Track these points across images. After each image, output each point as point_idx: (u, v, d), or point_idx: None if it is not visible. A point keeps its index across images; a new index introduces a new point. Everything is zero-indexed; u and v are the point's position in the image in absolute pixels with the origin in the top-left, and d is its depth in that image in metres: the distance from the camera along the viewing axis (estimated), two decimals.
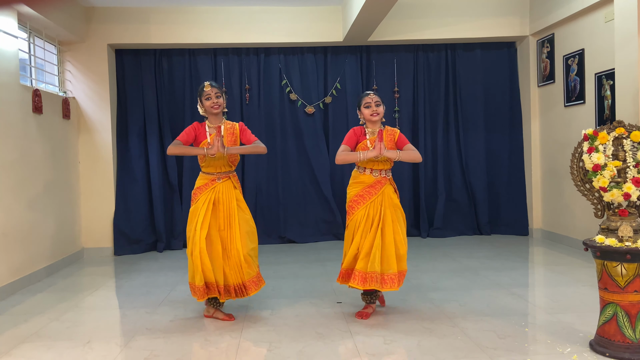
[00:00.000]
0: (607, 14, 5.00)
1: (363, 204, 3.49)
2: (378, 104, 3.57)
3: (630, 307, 2.75)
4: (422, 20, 6.27)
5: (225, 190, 3.56)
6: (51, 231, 5.22)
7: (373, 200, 3.50)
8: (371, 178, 3.53)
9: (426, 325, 3.36)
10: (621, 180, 2.83)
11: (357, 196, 3.53)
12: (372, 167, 3.52)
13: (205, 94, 3.57)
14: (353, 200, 3.54)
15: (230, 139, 3.60)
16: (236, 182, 3.67)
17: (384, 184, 3.54)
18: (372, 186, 3.52)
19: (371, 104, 3.56)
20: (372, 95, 3.60)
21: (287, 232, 6.50)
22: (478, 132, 6.67)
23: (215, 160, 3.55)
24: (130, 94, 6.30)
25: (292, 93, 6.51)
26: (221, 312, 3.61)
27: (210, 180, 3.58)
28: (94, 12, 5.95)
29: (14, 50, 4.63)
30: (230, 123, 3.67)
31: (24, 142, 4.76)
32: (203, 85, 3.60)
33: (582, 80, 5.47)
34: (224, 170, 3.59)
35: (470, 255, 5.51)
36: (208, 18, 6.11)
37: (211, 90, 3.55)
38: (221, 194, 3.54)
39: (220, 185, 3.57)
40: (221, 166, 3.58)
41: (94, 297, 4.31)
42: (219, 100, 3.56)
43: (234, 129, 3.65)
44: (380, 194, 3.51)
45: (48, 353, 3.07)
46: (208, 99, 3.56)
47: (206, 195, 3.54)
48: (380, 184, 3.52)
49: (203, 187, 3.57)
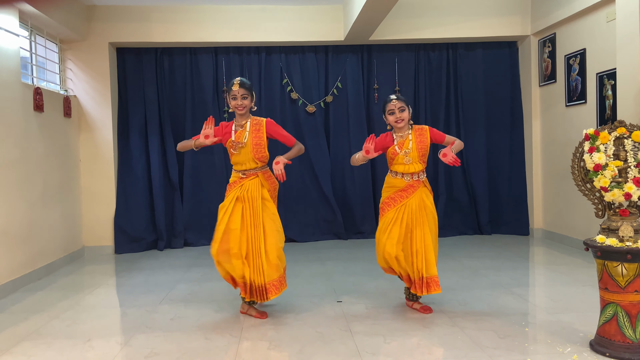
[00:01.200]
0: (609, 13, 5.00)
1: (394, 207, 3.54)
2: (402, 109, 3.53)
3: (631, 307, 2.74)
4: (423, 20, 6.26)
5: (252, 188, 3.54)
6: (52, 229, 5.22)
7: (405, 204, 3.53)
8: (403, 182, 3.56)
9: (426, 324, 3.36)
10: (622, 180, 2.82)
11: (388, 198, 3.59)
12: (402, 171, 3.55)
13: (232, 93, 3.53)
14: (384, 202, 3.61)
15: (256, 135, 3.54)
16: (264, 180, 3.61)
17: (417, 188, 3.56)
18: (404, 190, 3.55)
19: (395, 111, 3.54)
20: (395, 101, 3.55)
21: (288, 231, 6.47)
22: (479, 131, 6.67)
23: (239, 156, 3.53)
24: (131, 92, 6.30)
25: (293, 92, 6.51)
26: (254, 309, 3.61)
27: (238, 177, 3.58)
28: (95, 10, 5.95)
29: (16, 48, 4.63)
30: (257, 119, 3.62)
31: (25, 140, 4.76)
32: (232, 82, 3.54)
33: (583, 80, 5.46)
34: (250, 167, 3.56)
35: (471, 254, 5.51)
36: (209, 17, 6.11)
37: (238, 91, 3.51)
38: (247, 192, 3.52)
39: (248, 183, 3.54)
40: (245, 162, 3.55)
41: (95, 296, 4.31)
42: (244, 102, 3.52)
43: (260, 125, 3.58)
44: (414, 197, 3.53)
45: (48, 351, 3.07)
46: (234, 98, 3.53)
47: (235, 192, 3.54)
48: (412, 188, 3.54)
49: (233, 184, 3.59)
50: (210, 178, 6.41)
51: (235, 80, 3.54)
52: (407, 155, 3.53)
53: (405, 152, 3.53)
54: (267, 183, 3.63)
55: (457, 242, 6.25)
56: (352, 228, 6.62)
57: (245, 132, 3.53)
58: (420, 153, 3.55)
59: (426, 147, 3.58)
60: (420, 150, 3.55)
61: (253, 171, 3.57)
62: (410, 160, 3.53)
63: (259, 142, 3.54)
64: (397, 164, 3.57)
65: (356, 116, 6.59)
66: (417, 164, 3.55)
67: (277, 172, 3.50)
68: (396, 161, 3.56)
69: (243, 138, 3.52)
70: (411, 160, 3.53)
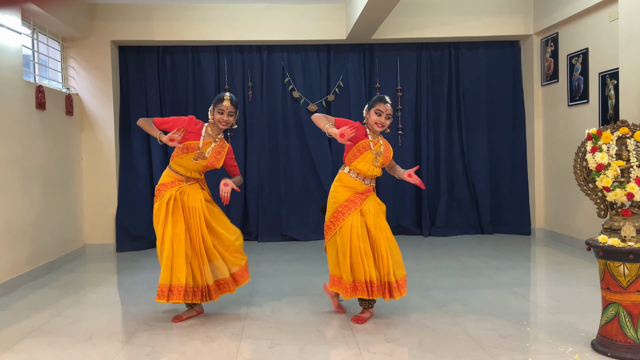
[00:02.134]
0: (612, 13, 4.99)
1: (355, 210, 3.36)
2: (389, 116, 3.42)
3: (633, 307, 2.74)
4: (425, 19, 6.26)
5: (192, 192, 3.52)
6: (54, 227, 5.23)
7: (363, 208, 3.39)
8: (362, 185, 3.42)
9: (428, 324, 3.36)
10: (624, 180, 2.82)
11: (347, 201, 3.38)
12: (365, 172, 3.39)
13: (220, 107, 3.50)
14: (343, 206, 3.38)
15: (216, 157, 3.55)
16: (204, 185, 3.65)
17: (371, 192, 3.49)
18: (363, 193, 3.43)
19: (382, 114, 3.40)
20: (388, 105, 3.42)
21: (289, 229, 6.51)
22: (481, 130, 6.66)
23: (191, 164, 3.49)
24: (133, 90, 6.31)
25: (295, 91, 6.51)
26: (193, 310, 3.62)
27: (177, 179, 3.53)
28: (97, 8, 5.96)
29: (18, 46, 4.63)
30: (224, 142, 3.62)
31: (27, 138, 4.77)
32: (223, 96, 3.52)
33: (585, 80, 5.46)
34: (194, 177, 3.56)
35: (472, 254, 5.51)
36: (211, 15, 6.11)
37: (226, 107, 3.49)
38: (187, 195, 3.49)
39: (187, 188, 3.53)
40: (193, 171, 3.54)
41: (96, 293, 4.32)
42: (229, 119, 3.52)
43: (223, 149, 3.59)
44: (369, 200, 3.44)
45: (50, 349, 3.08)
46: (221, 112, 3.51)
47: (170, 192, 3.48)
48: (369, 192, 3.47)
49: (169, 185, 3.52)
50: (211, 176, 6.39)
51: (226, 95, 3.52)
52: (377, 157, 3.40)
53: (377, 153, 3.40)
54: (206, 189, 3.66)
55: (458, 242, 6.25)
56: None
57: (209, 147, 3.52)
58: (384, 161, 3.46)
59: (388, 159, 3.50)
60: (385, 159, 3.47)
61: (194, 179, 3.58)
62: (378, 163, 3.41)
63: (214, 163, 3.55)
64: (363, 161, 3.37)
65: (358, 115, 6.57)
66: (379, 170, 3.46)
67: (223, 193, 3.45)
68: (364, 157, 3.37)
69: (206, 151, 3.51)
70: (378, 163, 3.41)
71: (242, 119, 6.51)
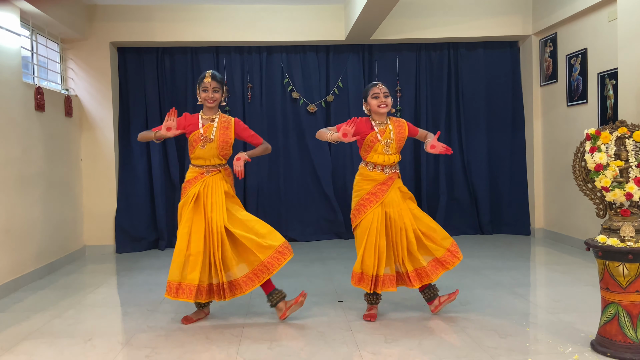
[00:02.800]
0: (610, 13, 4.99)
1: (376, 202, 3.40)
2: (387, 94, 3.45)
3: (632, 307, 2.74)
4: (424, 19, 6.26)
5: (213, 184, 3.45)
6: (53, 229, 5.23)
7: (385, 198, 3.41)
8: (382, 175, 3.44)
9: (427, 324, 3.36)
10: (623, 180, 2.82)
11: (369, 194, 3.42)
12: (382, 162, 3.42)
13: (203, 85, 3.47)
14: (365, 199, 3.42)
15: (224, 133, 3.49)
16: (227, 176, 3.56)
17: (394, 180, 3.48)
18: (384, 183, 3.44)
19: (379, 95, 3.43)
20: (381, 85, 3.46)
21: (289, 230, 6.50)
22: (480, 131, 6.67)
23: (204, 151, 3.44)
24: (132, 92, 6.31)
25: (294, 92, 6.51)
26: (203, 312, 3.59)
27: (199, 173, 3.49)
28: (96, 9, 5.96)
29: (17, 47, 4.63)
30: (225, 117, 3.57)
31: (26, 139, 4.76)
32: (204, 74, 3.49)
33: (584, 80, 5.46)
34: (214, 164, 3.48)
35: (472, 254, 5.51)
36: (210, 16, 6.11)
37: (209, 84, 3.45)
38: (209, 188, 3.44)
39: (209, 179, 3.47)
40: (210, 158, 3.47)
41: (96, 295, 4.32)
42: (215, 95, 3.46)
43: (228, 124, 3.53)
44: (392, 190, 3.44)
45: (49, 350, 3.08)
46: (205, 90, 3.47)
47: (195, 189, 3.44)
48: (391, 180, 3.46)
49: (192, 180, 3.48)
50: None
51: (207, 72, 3.49)
52: (388, 146, 3.42)
53: (387, 142, 3.43)
54: (229, 179, 3.59)
55: (458, 242, 6.12)
56: None
57: (213, 128, 3.48)
58: (398, 145, 3.48)
59: (404, 139, 3.50)
60: (399, 141, 3.48)
61: (216, 167, 3.50)
62: (391, 151, 3.43)
63: (226, 140, 3.49)
64: (376, 154, 3.42)
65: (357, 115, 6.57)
66: (396, 155, 3.47)
67: (236, 168, 3.43)
68: (375, 150, 3.42)
69: (211, 133, 3.46)
70: (391, 151, 3.43)
71: (242, 119, 6.49)
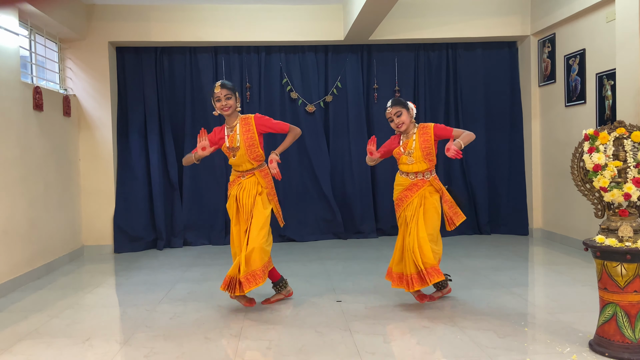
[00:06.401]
0: (609, 14, 5.00)
1: (402, 206, 3.67)
2: (399, 114, 3.63)
3: (630, 307, 2.75)
4: (423, 20, 6.26)
5: (248, 186, 3.64)
6: (51, 228, 5.22)
7: (410, 203, 3.63)
8: (407, 180, 3.68)
9: (425, 324, 3.36)
10: (621, 181, 2.83)
11: (397, 199, 3.72)
12: (407, 170, 3.67)
13: (216, 96, 3.57)
14: (395, 204, 3.75)
15: (247, 136, 3.60)
16: (261, 178, 3.67)
17: (422, 186, 3.63)
18: (409, 189, 3.65)
19: (392, 118, 3.66)
20: (390, 108, 3.65)
21: (287, 230, 6.50)
22: (478, 131, 6.66)
23: (237, 159, 3.64)
24: (130, 91, 6.30)
25: (293, 92, 6.51)
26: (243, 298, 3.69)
27: (237, 176, 3.70)
28: (94, 9, 5.95)
29: (15, 47, 4.63)
30: (245, 117, 3.67)
31: (24, 139, 4.76)
32: (214, 86, 3.62)
33: (583, 80, 5.47)
34: (247, 168, 3.66)
35: (470, 254, 5.52)
36: (209, 16, 6.11)
37: (220, 92, 3.56)
38: (243, 190, 3.63)
39: (245, 182, 3.65)
40: (242, 164, 3.66)
41: (94, 295, 4.31)
42: (228, 102, 3.57)
43: (249, 123, 3.62)
44: (417, 196, 3.62)
45: (48, 350, 3.07)
46: (218, 100, 3.58)
47: (234, 190, 3.69)
48: (417, 187, 3.63)
49: (232, 183, 3.72)
50: (210, 177, 6.42)
51: (217, 83, 3.62)
52: (410, 156, 3.63)
53: (408, 153, 3.64)
54: (264, 181, 3.68)
55: (456, 242, 6.25)
56: (351, 228, 6.62)
57: (236, 135, 3.59)
58: (424, 152, 3.60)
59: (430, 145, 3.61)
60: (424, 149, 3.60)
61: (250, 171, 3.67)
62: (413, 160, 3.62)
63: (252, 143, 3.59)
64: (402, 164, 3.71)
65: (356, 116, 6.60)
66: (421, 164, 3.63)
67: (272, 171, 3.62)
68: (401, 161, 3.71)
69: (236, 142, 3.59)
70: (414, 160, 3.62)
71: None
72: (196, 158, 3.64)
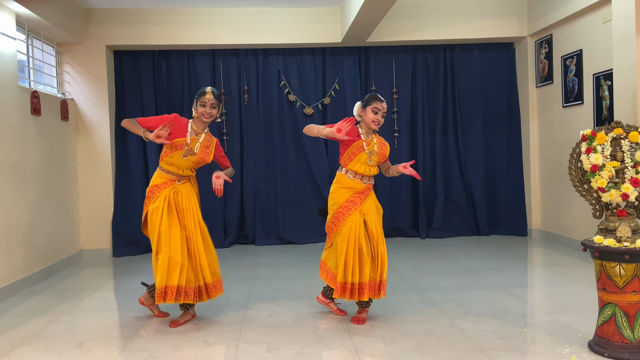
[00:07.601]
0: (605, 14, 5.01)
1: (355, 210, 3.41)
2: (384, 115, 3.52)
3: (629, 308, 2.75)
4: (420, 21, 6.27)
5: (185, 191, 3.55)
6: (49, 233, 5.21)
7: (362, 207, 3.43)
8: (360, 185, 3.46)
9: (425, 326, 3.36)
10: (619, 181, 2.83)
11: (347, 202, 3.43)
12: (363, 172, 3.44)
13: (202, 100, 3.53)
14: (343, 207, 3.42)
15: (204, 151, 3.57)
16: (195, 184, 3.67)
17: (371, 190, 3.54)
18: (362, 192, 3.48)
19: (379, 112, 3.47)
20: (384, 104, 3.50)
21: (286, 233, 6.50)
22: (476, 132, 6.68)
23: (181, 161, 3.50)
24: (128, 95, 6.30)
25: (291, 94, 6.51)
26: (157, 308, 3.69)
27: (169, 179, 3.55)
28: (92, 13, 5.95)
29: (12, 51, 4.62)
30: (210, 136, 3.65)
31: (22, 143, 4.75)
32: (204, 90, 3.56)
33: (580, 81, 5.48)
34: (186, 174, 3.58)
35: (469, 255, 5.52)
36: (206, 19, 6.11)
37: (209, 100, 3.52)
38: (180, 195, 3.53)
39: (180, 187, 3.56)
40: (185, 169, 3.55)
41: (93, 299, 4.30)
42: (212, 111, 3.54)
43: (210, 144, 3.61)
44: (369, 199, 3.49)
45: (47, 355, 3.07)
46: (203, 105, 3.53)
47: (165, 193, 3.50)
48: (368, 190, 3.51)
49: (162, 186, 3.54)
50: (208, 181, 6.37)
51: (208, 88, 3.56)
52: (371, 156, 3.44)
53: (370, 152, 3.44)
54: (196, 187, 3.68)
55: (455, 243, 6.25)
56: None
57: (197, 142, 3.54)
58: (379, 159, 3.50)
59: (385, 156, 3.54)
60: (381, 156, 3.51)
61: (186, 177, 3.60)
62: (372, 162, 3.46)
63: (205, 159, 3.58)
64: (358, 163, 3.43)
65: None
66: (376, 168, 3.51)
67: (216, 186, 3.49)
68: (359, 159, 3.43)
69: (195, 147, 3.53)
70: (373, 162, 3.46)
71: (238, 122, 6.51)
72: (145, 138, 3.49)
